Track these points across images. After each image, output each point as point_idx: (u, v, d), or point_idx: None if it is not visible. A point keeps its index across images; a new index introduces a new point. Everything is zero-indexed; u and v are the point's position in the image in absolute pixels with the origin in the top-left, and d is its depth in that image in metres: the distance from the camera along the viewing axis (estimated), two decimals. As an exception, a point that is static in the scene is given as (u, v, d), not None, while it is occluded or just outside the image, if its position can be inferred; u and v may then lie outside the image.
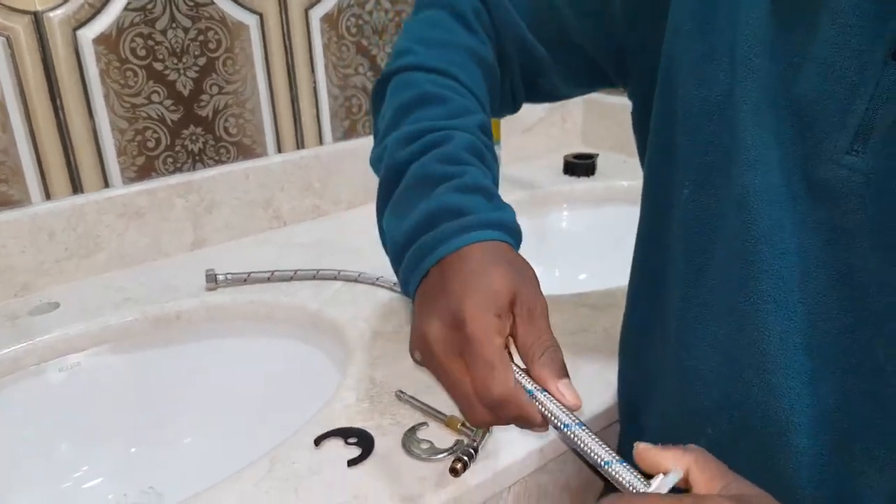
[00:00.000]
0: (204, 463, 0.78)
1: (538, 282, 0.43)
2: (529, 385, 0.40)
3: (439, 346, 0.40)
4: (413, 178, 0.48)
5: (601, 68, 0.57)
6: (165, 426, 0.82)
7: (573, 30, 0.55)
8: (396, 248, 0.47)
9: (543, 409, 0.39)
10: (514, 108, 0.66)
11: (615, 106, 1.29)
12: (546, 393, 0.40)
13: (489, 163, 0.50)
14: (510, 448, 0.56)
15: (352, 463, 0.54)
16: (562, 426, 0.39)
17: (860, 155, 0.38)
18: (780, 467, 0.42)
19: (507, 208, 0.47)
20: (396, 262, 0.47)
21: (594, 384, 0.63)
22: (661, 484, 0.35)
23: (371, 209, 1.07)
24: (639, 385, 0.55)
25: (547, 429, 0.40)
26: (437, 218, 0.45)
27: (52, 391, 0.77)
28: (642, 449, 0.37)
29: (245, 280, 0.85)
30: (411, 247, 0.45)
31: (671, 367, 0.49)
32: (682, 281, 0.47)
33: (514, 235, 0.46)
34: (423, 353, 0.42)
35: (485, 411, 0.40)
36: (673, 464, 0.36)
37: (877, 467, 0.40)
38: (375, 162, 0.54)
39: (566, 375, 0.40)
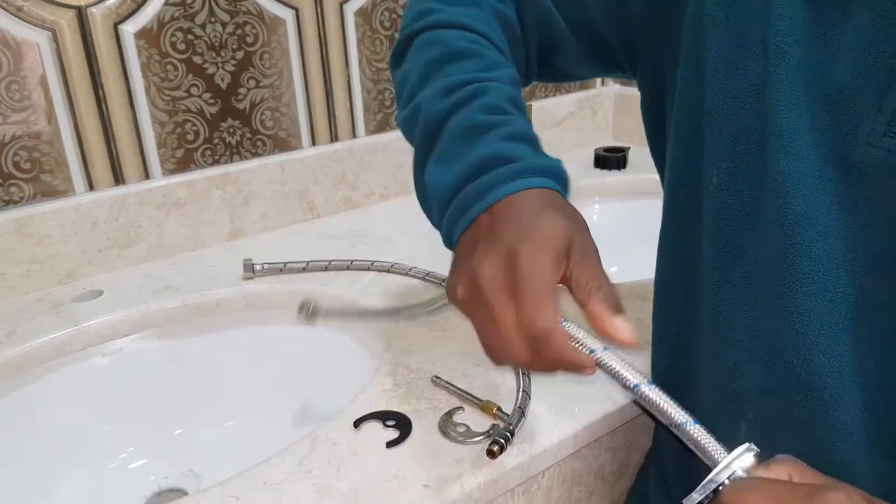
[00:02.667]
0: (243, 447, 0.80)
1: (589, 229, 0.43)
2: (592, 344, 0.40)
3: (488, 282, 0.39)
4: (457, 129, 0.47)
5: (615, 54, 0.57)
6: (206, 411, 0.84)
7: (594, 8, 0.55)
8: (443, 197, 0.46)
9: (610, 370, 0.39)
10: (524, 83, 0.64)
11: (646, 99, 1.29)
12: (609, 351, 0.40)
13: (526, 116, 0.50)
14: (545, 433, 0.57)
15: (390, 444, 0.55)
16: (631, 386, 0.39)
17: None
18: (824, 445, 0.43)
19: (553, 158, 0.46)
20: (441, 211, 0.46)
21: (628, 372, 0.64)
22: (740, 453, 0.37)
23: (403, 201, 1.10)
24: (673, 375, 0.55)
25: (594, 371, 0.40)
26: (487, 165, 0.44)
27: (96, 375, 0.79)
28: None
29: (281, 270, 0.87)
30: (458, 196, 0.44)
31: (707, 354, 0.49)
32: (714, 269, 0.47)
33: (563, 184, 0.45)
34: (468, 289, 0.41)
35: (524, 349, 0.40)
36: (773, 474, 0.37)
37: None
38: (407, 123, 0.52)
39: (622, 311, 0.39)
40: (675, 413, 0.38)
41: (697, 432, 0.38)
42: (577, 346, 0.40)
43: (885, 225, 0.40)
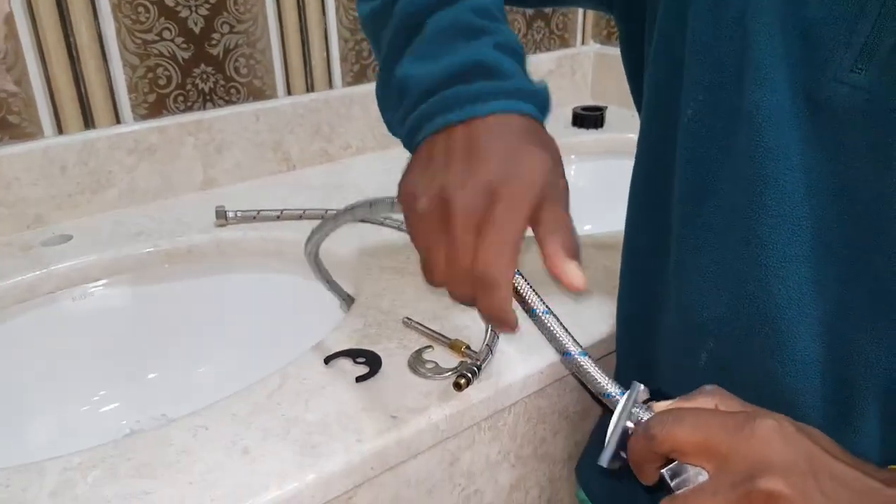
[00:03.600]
0: (216, 392, 0.80)
1: (562, 161, 0.42)
2: (537, 304, 0.40)
3: (461, 211, 0.38)
4: (444, 25, 0.45)
5: None
6: (179, 356, 0.84)
7: None
8: (420, 88, 0.43)
9: (547, 333, 0.40)
10: None
11: (624, 59, 1.29)
12: (554, 317, 0.40)
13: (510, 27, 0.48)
14: (512, 370, 0.58)
15: (360, 379, 0.56)
16: (565, 353, 0.40)
17: (863, 73, 0.39)
18: (779, 374, 0.44)
19: (539, 82, 0.45)
20: (412, 105, 0.44)
21: (594, 316, 0.65)
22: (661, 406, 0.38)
23: (380, 156, 1.10)
24: (639, 308, 0.56)
25: (515, 331, 0.41)
26: (477, 71, 0.42)
27: (67, 319, 0.79)
28: (664, 407, 0.38)
29: (255, 218, 0.87)
30: (438, 93, 0.42)
31: (672, 286, 0.50)
32: (684, 201, 0.48)
33: (546, 111, 0.44)
34: (433, 207, 0.39)
35: (466, 286, 0.39)
36: (699, 405, 0.38)
37: (870, 369, 0.42)
38: (381, 13, 0.49)
39: (577, 258, 0.39)
40: (604, 383, 0.39)
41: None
42: (524, 298, 0.40)
43: (847, 161, 0.41)
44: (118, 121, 0.89)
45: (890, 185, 0.39)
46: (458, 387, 0.53)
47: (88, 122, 0.87)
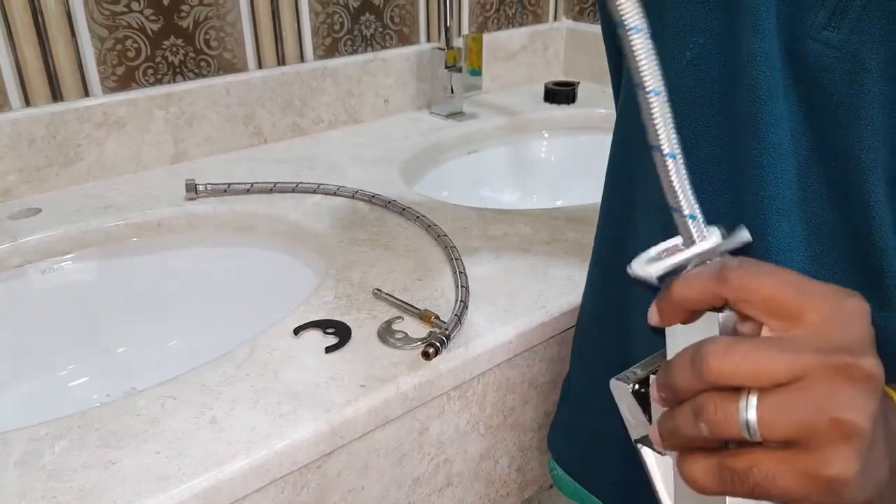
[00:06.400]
0: (186, 366, 0.80)
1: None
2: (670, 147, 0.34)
3: None
4: None
5: None
6: (149, 330, 0.84)
7: None
8: None
9: (668, 179, 0.35)
10: None
11: (597, 36, 1.28)
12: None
13: None
14: (480, 340, 0.58)
15: (329, 350, 0.56)
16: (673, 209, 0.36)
17: (835, 31, 0.40)
18: None
19: None
20: None
21: (564, 286, 0.65)
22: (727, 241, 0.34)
23: (352, 130, 1.09)
24: (617, 260, 0.54)
25: None
26: None
27: (35, 292, 0.78)
28: None
29: (225, 191, 0.86)
30: None
31: (657, 233, 0.49)
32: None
33: None
34: None
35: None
36: None
37: None
38: None
39: None
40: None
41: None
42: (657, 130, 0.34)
43: (817, 117, 0.42)
44: (87, 93, 0.88)
45: (857, 145, 0.40)
46: (426, 356, 0.54)
47: (56, 94, 0.86)
